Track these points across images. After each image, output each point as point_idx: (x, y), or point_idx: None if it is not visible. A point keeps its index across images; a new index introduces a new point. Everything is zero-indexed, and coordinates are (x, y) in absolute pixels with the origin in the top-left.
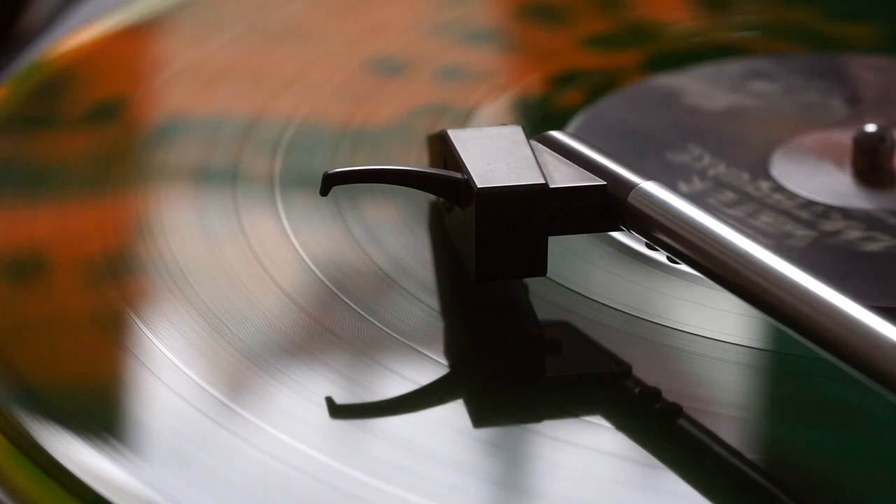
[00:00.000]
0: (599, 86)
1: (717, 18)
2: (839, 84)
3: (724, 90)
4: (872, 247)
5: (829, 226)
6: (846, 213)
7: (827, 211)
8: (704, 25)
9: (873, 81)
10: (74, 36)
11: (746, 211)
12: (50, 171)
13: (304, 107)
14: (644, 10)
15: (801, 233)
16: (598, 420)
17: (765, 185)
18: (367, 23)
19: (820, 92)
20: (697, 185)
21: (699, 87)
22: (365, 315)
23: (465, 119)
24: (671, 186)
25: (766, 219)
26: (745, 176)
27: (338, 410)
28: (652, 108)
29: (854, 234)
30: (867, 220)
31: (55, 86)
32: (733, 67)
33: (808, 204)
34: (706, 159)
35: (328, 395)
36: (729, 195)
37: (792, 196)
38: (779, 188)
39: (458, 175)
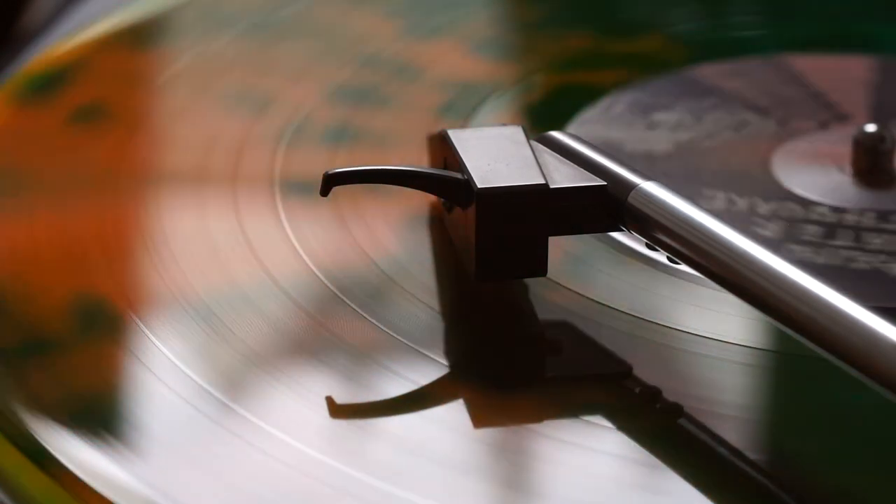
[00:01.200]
0: None
1: (513, 66)
2: (723, 97)
3: (642, 130)
4: None
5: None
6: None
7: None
8: (506, 74)
9: (746, 87)
10: (64, 42)
11: (851, 238)
12: (49, 172)
13: (305, 107)
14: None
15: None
16: (599, 420)
17: (822, 210)
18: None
19: (721, 109)
20: (773, 227)
21: (619, 133)
22: (365, 315)
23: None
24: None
25: (841, 242)
26: (792, 206)
27: (338, 410)
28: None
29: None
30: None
31: (47, 91)
32: (618, 106)
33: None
34: (739, 201)
35: (328, 395)
36: (813, 229)
37: (861, 212)
38: (837, 209)
39: (459, 175)
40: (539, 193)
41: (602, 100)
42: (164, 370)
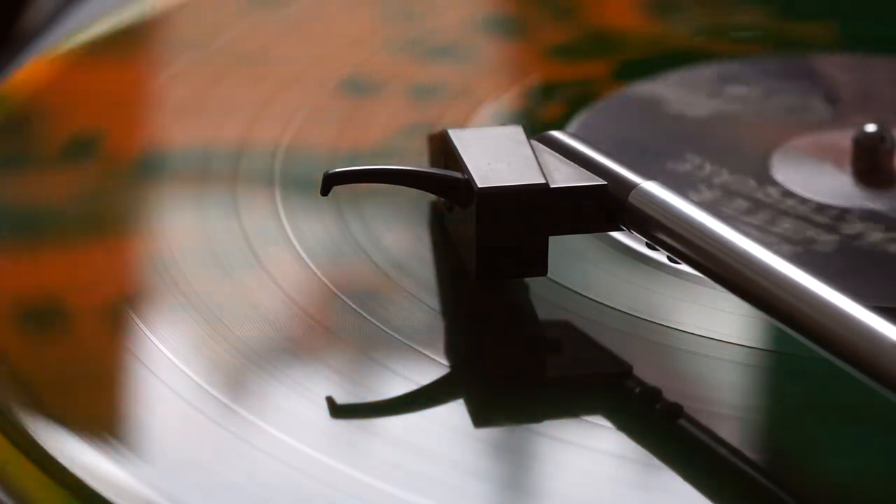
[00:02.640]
0: (577, 97)
1: (672, 23)
2: (814, 84)
3: (702, 96)
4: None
5: (848, 229)
6: (862, 216)
7: (842, 214)
8: (660, 31)
9: (846, 80)
10: (35, 63)
11: (763, 219)
12: (48, 173)
13: (305, 107)
14: (599, 19)
15: (825, 238)
16: (599, 420)
17: (773, 191)
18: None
19: (798, 93)
20: (706, 194)
21: (677, 94)
22: (365, 315)
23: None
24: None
25: (785, 225)
26: (752, 182)
27: (338, 410)
28: (637, 118)
29: (876, 236)
30: (885, 221)
31: (23, 119)
32: (705, 72)
33: (822, 207)
34: (707, 167)
35: (328, 395)
36: (741, 203)
37: (804, 200)
38: (788, 193)
39: (459, 175)
40: (539, 193)
41: (698, 65)
42: (164, 370)
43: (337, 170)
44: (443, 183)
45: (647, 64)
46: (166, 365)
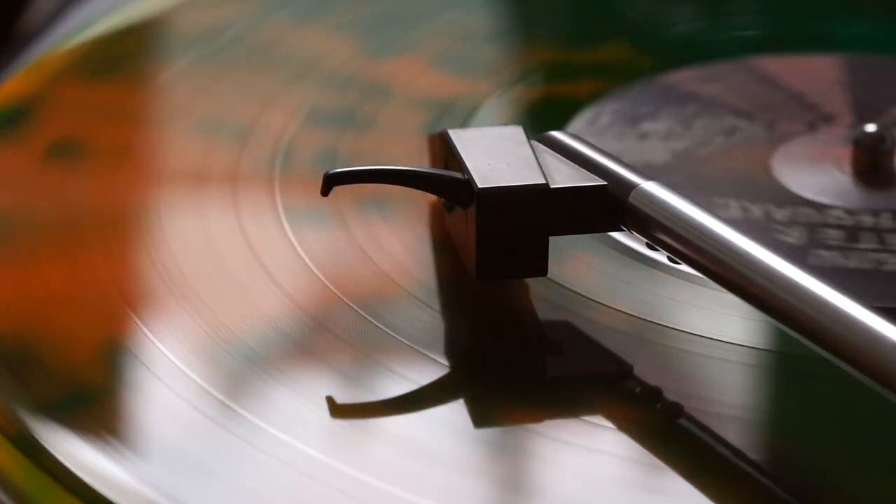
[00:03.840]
0: None
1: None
2: (706, 103)
3: (634, 141)
4: None
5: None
6: None
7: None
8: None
9: (725, 92)
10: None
11: (874, 241)
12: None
13: (305, 107)
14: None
15: None
16: (599, 420)
17: (837, 213)
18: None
19: (708, 116)
20: (797, 235)
21: (612, 144)
22: (365, 315)
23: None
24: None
25: (865, 244)
26: (809, 211)
27: (338, 410)
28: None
29: None
30: None
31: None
32: (604, 117)
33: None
34: (752, 209)
35: (328, 395)
36: (834, 233)
37: (875, 213)
38: (850, 212)
39: (459, 175)
40: (539, 193)
41: (584, 111)
42: (164, 370)
43: (337, 170)
44: (443, 183)
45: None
46: (167, 365)
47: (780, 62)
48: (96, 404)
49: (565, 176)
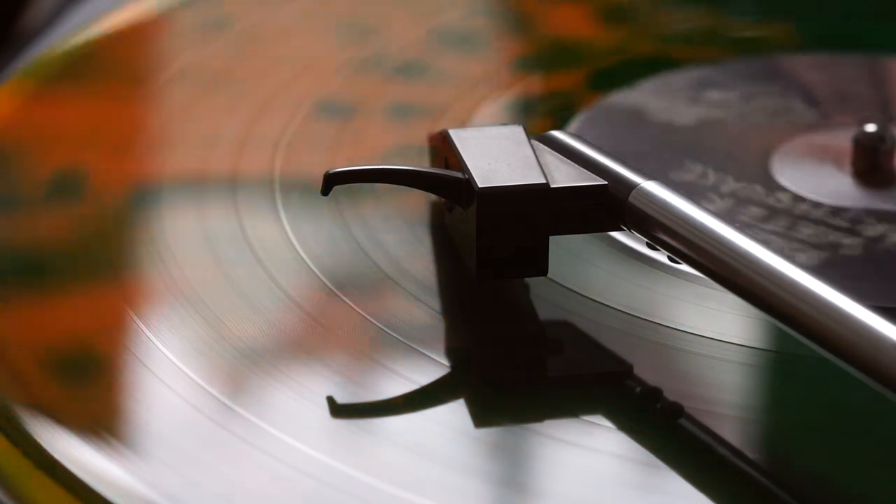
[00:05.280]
0: (557, 109)
1: (631, 31)
2: (789, 85)
3: (684, 103)
4: None
5: (870, 231)
6: (879, 217)
7: (859, 216)
8: (619, 39)
9: (821, 80)
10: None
11: (782, 225)
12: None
13: (304, 107)
14: (557, 29)
15: (849, 241)
16: (599, 420)
17: (784, 196)
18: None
19: (778, 95)
20: (719, 203)
21: (658, 102)
22: (365, 315)
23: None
24: None
25: (806, 231)
26: (759, 189)
27: (338, 410)
28: (625, 128)
29: None
30: None
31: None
32: (680, 79)
33: (838, 211)
34: (711, 176)
35: (328, 395)
36: (756, 210)
37: (816, 205)
38: (798, 198)
39: (460, 175)
40: (540, 193)
41: (675, 71)
42: (164, 370)
43: (337, 169)
44: (443, 183)
45: (617, 73)
46: (166, 365)
47: None
48: (96, 404)
49: (565, 175)
